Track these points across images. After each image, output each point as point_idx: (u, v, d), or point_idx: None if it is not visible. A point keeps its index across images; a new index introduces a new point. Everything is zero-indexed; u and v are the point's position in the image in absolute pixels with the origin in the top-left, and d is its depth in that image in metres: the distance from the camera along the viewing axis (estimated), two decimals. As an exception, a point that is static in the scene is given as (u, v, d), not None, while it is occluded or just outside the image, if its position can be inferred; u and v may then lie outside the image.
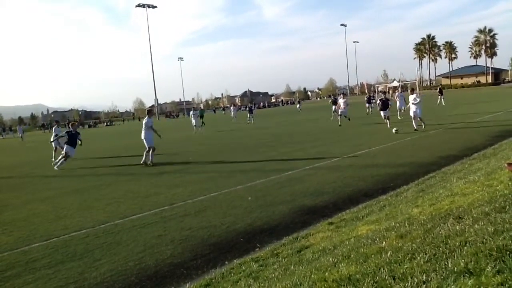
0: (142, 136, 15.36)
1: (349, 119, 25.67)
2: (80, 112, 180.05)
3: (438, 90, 40.67)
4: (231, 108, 56.18)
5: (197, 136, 28.01)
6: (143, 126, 15.33)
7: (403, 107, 26.86)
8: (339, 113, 25.59)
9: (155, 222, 7.34)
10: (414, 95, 18.59)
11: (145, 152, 15.20)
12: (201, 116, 38.22)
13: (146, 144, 15.13)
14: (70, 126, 17.90)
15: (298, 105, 68.92)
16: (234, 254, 5.60)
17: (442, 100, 37.53)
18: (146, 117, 15.84)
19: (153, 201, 9.04)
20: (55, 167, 16.03)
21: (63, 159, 16.26)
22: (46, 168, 16.66)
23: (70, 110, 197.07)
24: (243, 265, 4.99)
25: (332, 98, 42.86)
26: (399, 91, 28.81)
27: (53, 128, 20.85)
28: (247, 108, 46.53)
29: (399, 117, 25.32)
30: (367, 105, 35.73)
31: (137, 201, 9.25)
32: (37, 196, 10.35)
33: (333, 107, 31.85)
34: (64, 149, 16.47)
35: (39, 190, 11.64)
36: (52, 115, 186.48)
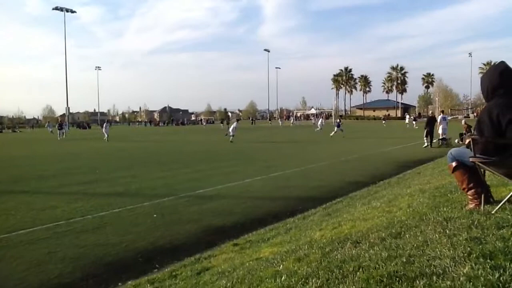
0: None
1: None
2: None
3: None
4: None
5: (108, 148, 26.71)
6: None
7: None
8: None
9: (47, 237, 6.70)
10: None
11: None
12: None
13: None
14: None
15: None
16: (130, 275, 5.23)
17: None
18: None
19: (49, 214, 8.30)
20: None
21: None
22: None
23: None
24: (137, 287, 4.63)
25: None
26: (442, 114, 24.65)
27: None
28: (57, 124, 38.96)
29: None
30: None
31: (30, 214, 8.42)
32: None
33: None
34: None
35: None
36: None
